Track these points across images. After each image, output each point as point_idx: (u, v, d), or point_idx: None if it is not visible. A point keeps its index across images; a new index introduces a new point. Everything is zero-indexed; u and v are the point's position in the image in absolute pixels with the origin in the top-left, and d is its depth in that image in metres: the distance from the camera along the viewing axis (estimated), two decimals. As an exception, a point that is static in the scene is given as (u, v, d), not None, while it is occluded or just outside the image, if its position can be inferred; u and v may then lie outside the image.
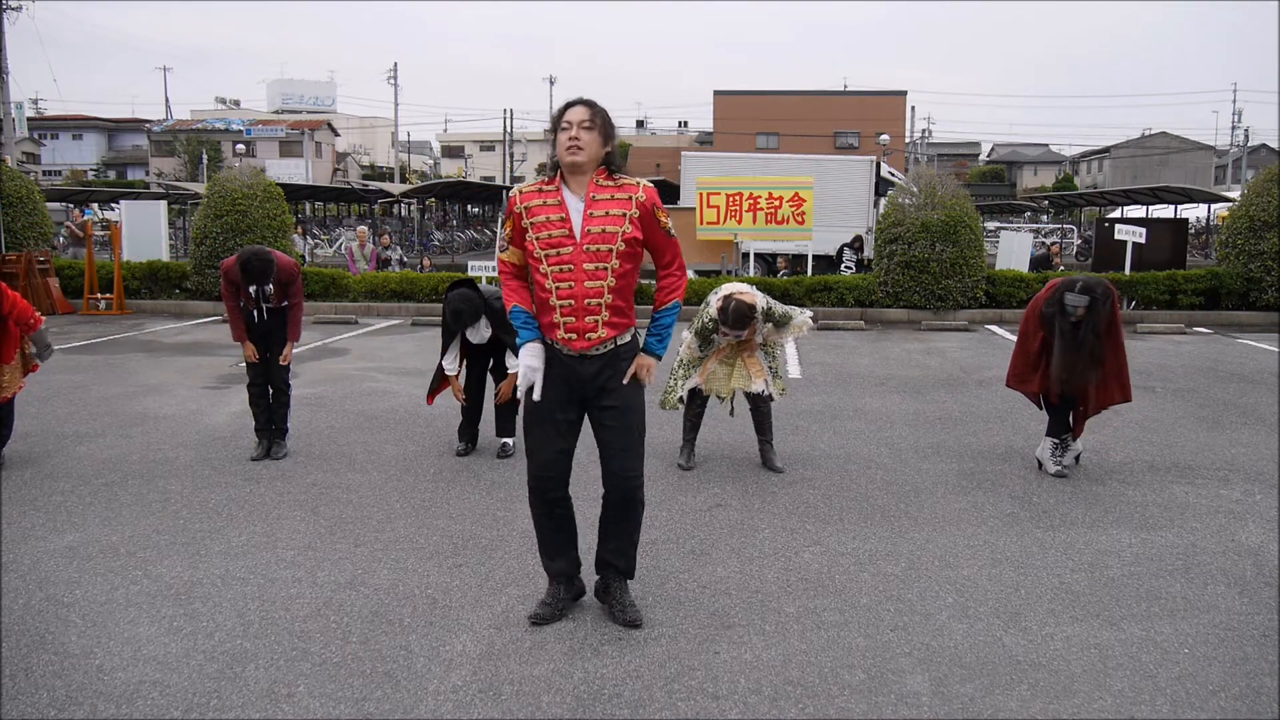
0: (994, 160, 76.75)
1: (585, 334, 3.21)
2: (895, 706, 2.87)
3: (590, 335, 3.21)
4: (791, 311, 5.48)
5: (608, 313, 3.21)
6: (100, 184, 45.32)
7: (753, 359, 5.49)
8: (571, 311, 3.19)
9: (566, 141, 3.14)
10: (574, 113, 3.17)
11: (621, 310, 3.25)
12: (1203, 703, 2.91)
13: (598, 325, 3.20)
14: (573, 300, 3.18)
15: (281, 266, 5.52)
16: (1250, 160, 51.70)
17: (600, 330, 3.21)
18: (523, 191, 3.27)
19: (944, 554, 4.14)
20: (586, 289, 3.16)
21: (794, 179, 15.16)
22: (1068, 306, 5.07)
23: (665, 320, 3.34)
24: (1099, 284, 5.12)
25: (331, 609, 3.53)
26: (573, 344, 3.22)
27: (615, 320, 3.24)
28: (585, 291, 3.17)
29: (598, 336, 3.21)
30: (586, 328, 3.20)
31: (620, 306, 3.24)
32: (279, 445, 5.76)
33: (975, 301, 13.40)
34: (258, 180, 14.30)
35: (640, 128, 67.66)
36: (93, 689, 2.94)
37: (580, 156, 3.13)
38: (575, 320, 3.19)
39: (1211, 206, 32.39)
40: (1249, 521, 4.61)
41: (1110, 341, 5.24)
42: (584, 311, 3.19)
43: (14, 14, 27.20)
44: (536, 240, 3.20)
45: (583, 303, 3.18)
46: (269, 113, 63.56)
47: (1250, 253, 13.20)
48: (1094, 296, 5.02)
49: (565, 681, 3.00)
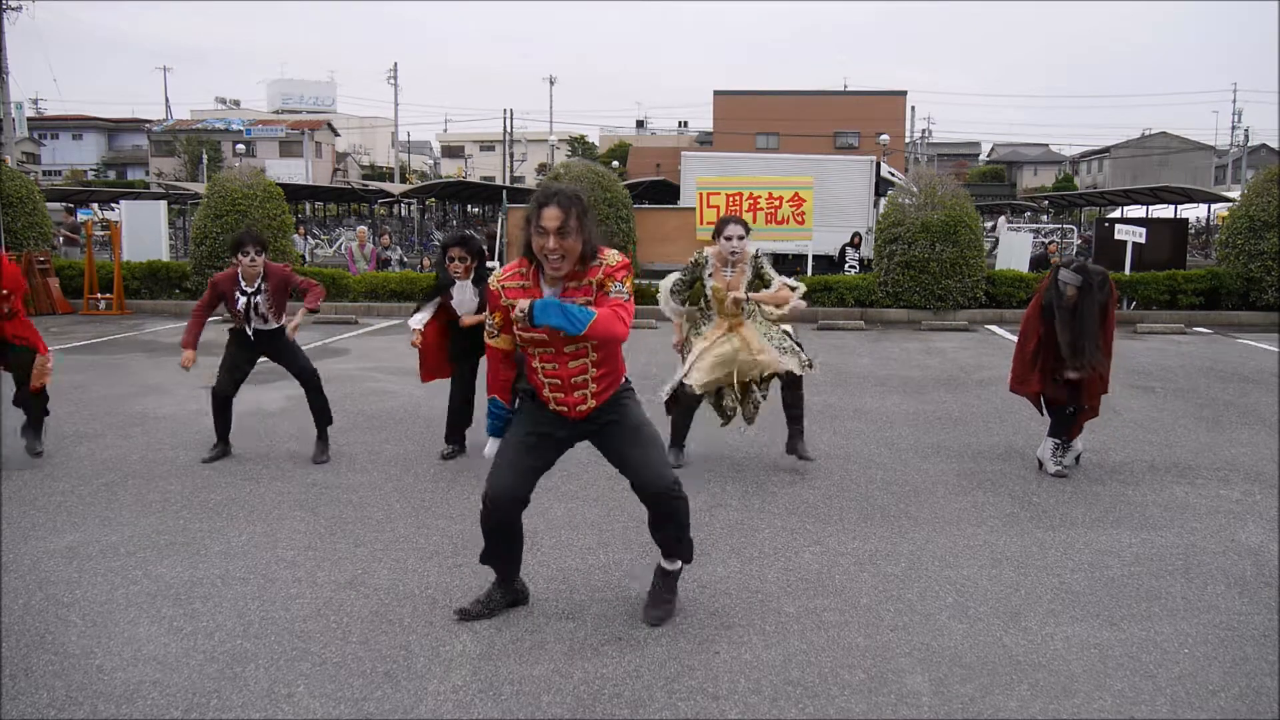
0: (994, 160, 76.77)
1: (575, 406, 3.29)
2: (895, 706, 2.87)
3: (580, 408, 3.30)
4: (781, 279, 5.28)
5: (595, 385, 3.28)
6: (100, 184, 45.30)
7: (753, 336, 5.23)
8: (559, 389, 3.27)
9: (546, 252, 3.05)
10: (550, 217, 3.00)
11: (607, 377, 3.30)
12: (1203, 703, 2.91)
13: (586, 398, 3.29)
14: (559, 379, 3.25)
15: (272, 270, 5.47)
16: (1250, 160, 51.66)
17: (589, 402, 3.29)
18: (506, 287, 3.22)
19: (944, 554, 4.14)
20: (570, 369, 3.24)
21: (794, 179, 15.18)
22: (1060, 283, 5.11)
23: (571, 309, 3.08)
24: (1098, 271, 5.15)
25: (331, 609, 3.53)
26: (564, 414, 3.31)
27: (603, 390, 3.30)
28: (570, 372, 3.24)
29: (587, 408, 3.30)
30: (576, 401, 3.29)
31: (604, 375, 3.29)
32: (321, 446, 5.69)
33: (975, 301, 13.40)
34: (258, 180, 14.31)
35: (640, 128, 67.64)
36: (93, 689, 2.94)
37: (561, 269, 3.09)
38: (564, 396, 3.28)
39: (1211, 206, 32.42)
40: (1249, 521, 4.61)
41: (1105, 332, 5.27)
42: (571, 388, 3.27)
43: (14, 14, 27.24)
44: (518, 332, 3.21)
45: (569, 381, 3.25)
46: (269, 113, 63.55)
47: (1250, 253, 13.20)
48: (1087, 278, 5.06)
49: (565, 681, 3.00)
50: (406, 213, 40.44)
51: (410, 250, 26.55)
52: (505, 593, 3.53)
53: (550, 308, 3.06)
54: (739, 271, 5.23)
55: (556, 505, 4.71)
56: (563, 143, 60.34)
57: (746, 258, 5.26)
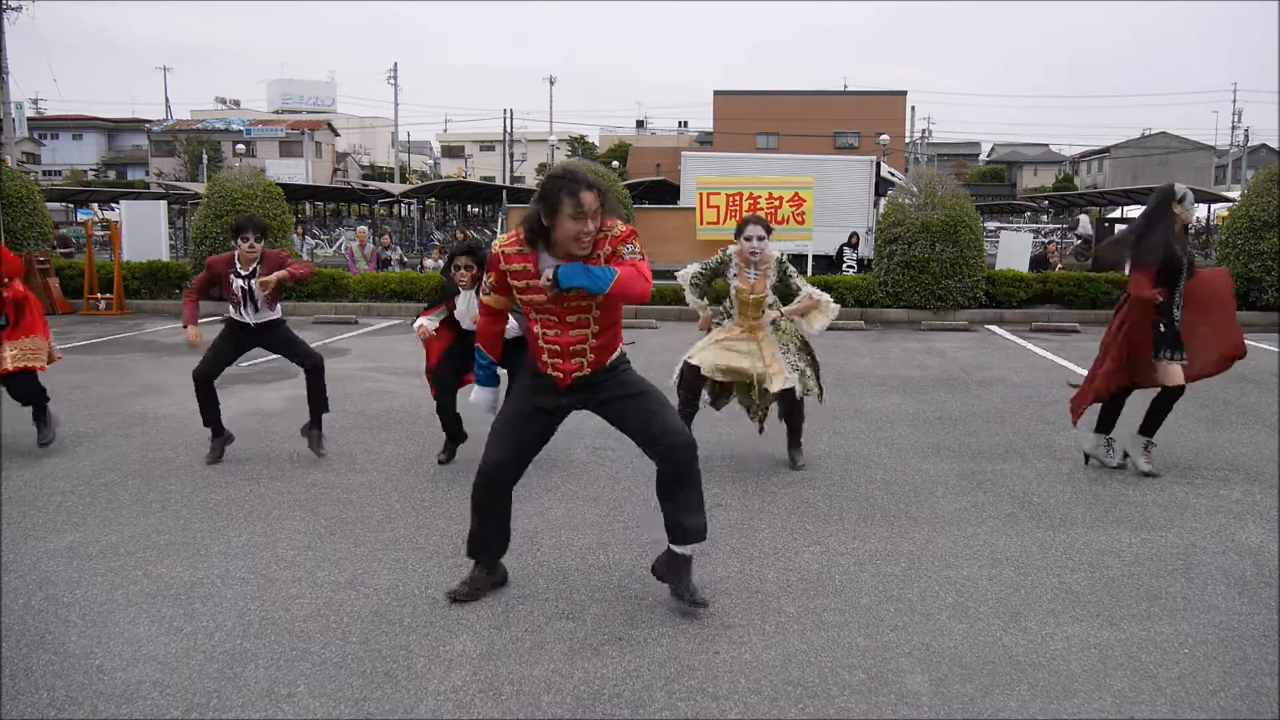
0: (994, 160, 76.81)
1: (570, 374, 3.36)
2: (895, 706, 2.87)
3: (575, 375, 3.36)
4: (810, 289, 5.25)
5: (592, 355, 3.35)
6: (100, 184, 45.33)
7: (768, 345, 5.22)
8: (558, 354, 3.33)
9: (583, 235, 3.10)
10: (590, 201, 3.06)
11: (605, 347, 3.37)
12: (1203, 703, 2.91)
13: (581, 366, 3.36)
14: (558, 345, 3.32)
15: (269, 255, 5.51)
16: (1250, 160, 51.68)
17: (584, 370, 3.36)
18: (505, 254, 3.27)
19: (944, 554, 4.14)
20: (571, 336, 3.31)
21: (794, 179, 15.20)
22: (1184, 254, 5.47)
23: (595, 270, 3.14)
24: None
25: (331, 609, 3.53)
26: (561, 381, 3.37)
27: (600, 358, 3.37)
28: (570, 339, 3.31)
29: (581, 375, 3.37)
30: (571, 368, 3.36)
31: (603, 345, 3.36)
32: (316, 435, 5.74)
33: (975, 301, 13.40)
34: (258, 180, 14.31)
35: (640, 128, 67.65)
36: (93, 689, 2.94)
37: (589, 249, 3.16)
38: (561, 362, 3.35)
39: (1211, 206, 32.41)
40: (1249, 521, 4.61)
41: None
42: (569, 355, 3.33)
43: (14, 14, 27.25)
44: (520, 296, 3.30)
45: (567, 349, 3.32)
46: (269, 113, 63.58)
47: (1250, 253, 13.20)
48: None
49: (565, 681, 3.00)
50: (406, 213, 40.45)
51: (410, 250, 26.55)
52: (489, 574, 3.63)
53: (575, 270, 3.13)
54: (762, 274, 5.23)
55: (556, 505, 4.71)
56: (563, 143, 60.38)
57: (770, 260, 5.26)
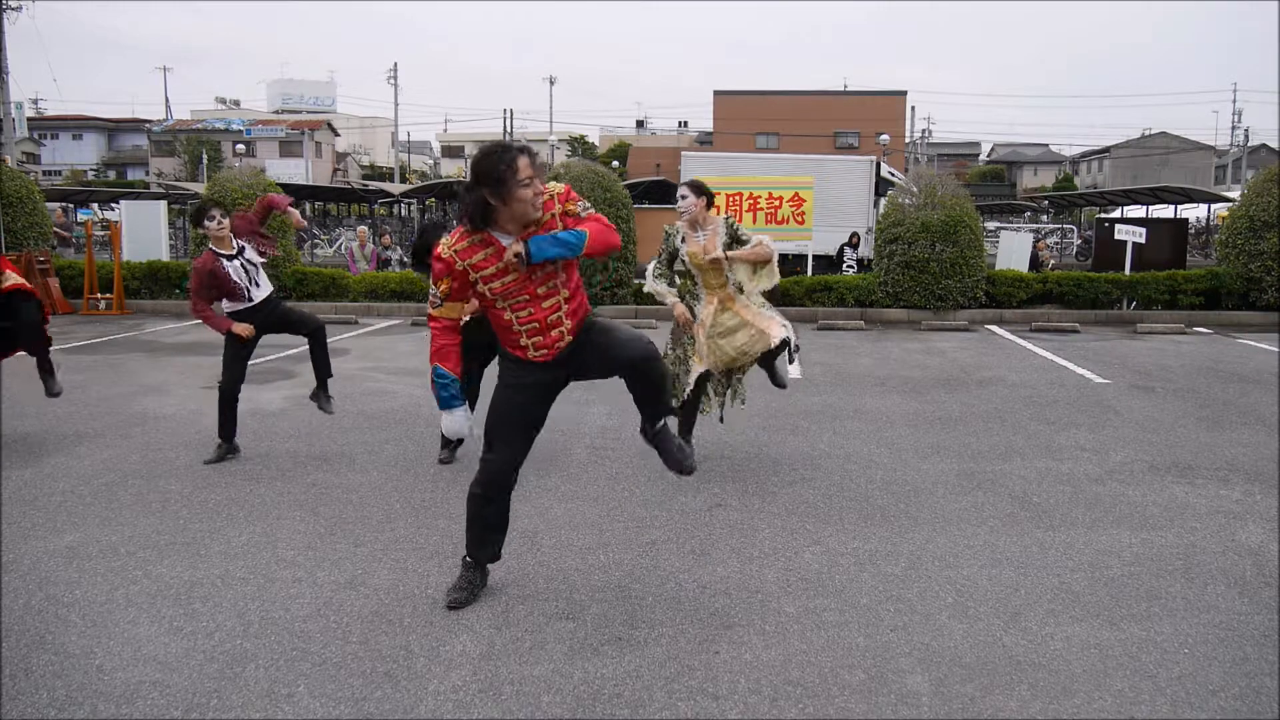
0: (994, 160, 76.74)
1: (555, 344, 3.38)
2: (895, 706, 2.87)
3: (559, 344, 3.38)
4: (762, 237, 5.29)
5: (569, 320, 3.37)
6: (100, 184, 45.32)
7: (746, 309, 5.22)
8: (538, 332, 3.35)
9: (536, 195, 3.13)
10: (525, 166, 3.09)
11: (579, 310, 3.41)
12: (1203, 703, 2.91)
13: (563, 334, 3.39)
14: (536, 323, 3.33)
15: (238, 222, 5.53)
16: (1250, 160, 51.68)
17: (566, 337, 3.38)
18: (457, 251, 3.23)
19: (944, 554, 4.14)
20: (545, 309, 3.33)
21: (794, 179, 15.19)
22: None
23: (563, 236, 3.20)
24: None
25: (331, 609, 3.53)
26: (543, 358, 3.39)
27: (575, 323, 3.40)
28: (545, 311, 3.34)
29: (564, 342, 3.39)
30: (554, 339, 3.38)
31: (576, 307, 3.40)
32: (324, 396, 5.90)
33: (975, 301, 13.40)
34: (258, 180, 14.31)
35: (640, 128, 67.61)
36: (93, 689, 2.94)
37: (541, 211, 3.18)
38: (543, 338, 3.36)
39: (1211, 206, 32.43)
40: (1249, 521, 4.61)
41: None
42: (549, 327, 3.35)
43: (14, 14, 27.24)
44: (488, 290, 3.27)
45: (545, 321, 3.34)
46: (269, 113, 63.54)
47: (1250, 253, 13.20)
48: None
49: (565, 681, 3.00)
50: (407, 213, 40.45)
51: (410, 250, 26.52)
52: (481, 575, 3.66)
53: (544, 242, 3.17)
54: (711, 234, 5.25)
55: (556, 505, 4.72)
56: (563, 143, 60.31)
57: (712, 220, 5.27)
